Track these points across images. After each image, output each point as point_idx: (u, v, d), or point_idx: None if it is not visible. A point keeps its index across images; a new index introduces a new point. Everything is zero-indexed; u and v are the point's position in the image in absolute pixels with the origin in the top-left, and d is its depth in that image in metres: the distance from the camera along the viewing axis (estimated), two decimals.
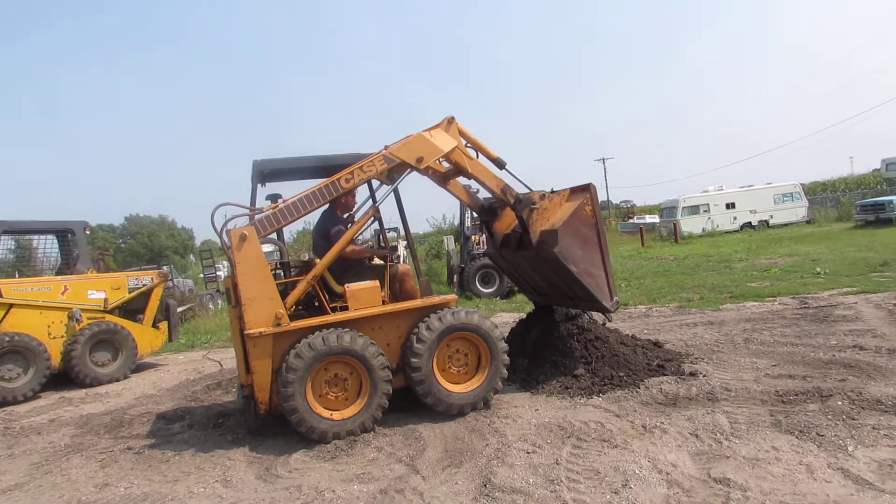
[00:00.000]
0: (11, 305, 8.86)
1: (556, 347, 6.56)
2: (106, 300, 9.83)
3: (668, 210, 35.43)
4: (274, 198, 5.85)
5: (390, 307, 5.76)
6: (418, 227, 45.95)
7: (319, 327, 5.37)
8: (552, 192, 6.48)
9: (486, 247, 15.72)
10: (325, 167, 6.10)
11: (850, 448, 4.08)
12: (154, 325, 10.49)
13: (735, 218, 33.01)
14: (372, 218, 6.03)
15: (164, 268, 12.51)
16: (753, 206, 33.10)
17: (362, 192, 6.27)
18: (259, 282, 5.29)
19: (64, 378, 9.25)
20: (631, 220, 47.66)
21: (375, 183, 6.31)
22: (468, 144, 6.28)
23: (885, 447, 4.06)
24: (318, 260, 5.75)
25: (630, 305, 11.56)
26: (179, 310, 14.20)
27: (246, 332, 5.21)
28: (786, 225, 32.23)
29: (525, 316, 7.64)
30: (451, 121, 6.19)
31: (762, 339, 7.35)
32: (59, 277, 9.67)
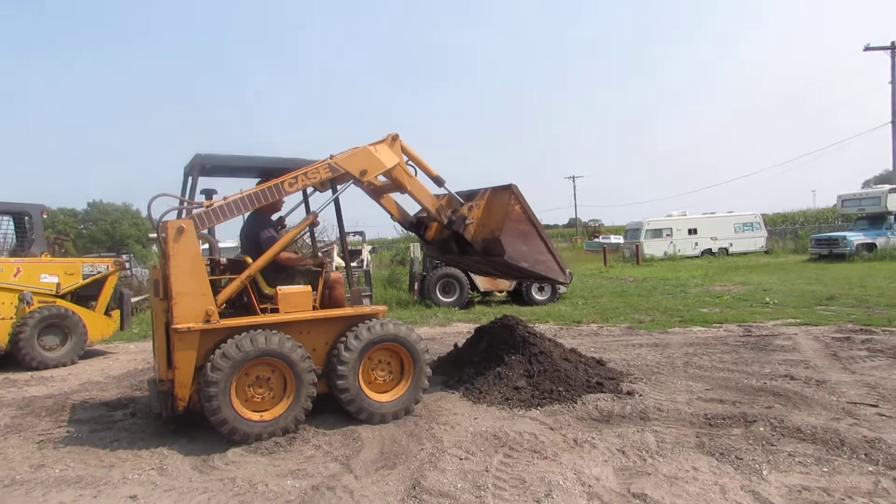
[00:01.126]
0: None
1: (502, 359, 6.73)
2: (58, 285, 9.71)
3: (632, 232, 36.08)
4: (209, 193, 5.78)
5: (321, 313, 5.80)
6: (385, 232, 45.98)
7: (248, 327, 5.33)
8: (470, 197, 6.80)
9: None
10: (265, 168, 6.11)
11: (764, 472, 4.30)
12: (106, 313, 10.39)
13: (696, 244, 33.79)
14: (310, 224, 6.14)
15: (122, 256, 12.36)
16: (714, 233, 33.93)
17: (294, 197, 6.21)
18: (193, 276, 5.21)
19: (10, 360, 9.12)
20: (596, 240, 48.38)
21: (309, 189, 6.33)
22: (409, 162, 6.50)
23: (797, 473, 4.28)
24: (248, 259, 5.72)
25: (582, 323, 11.82)
26: (136, 299, 14.05)
27: (173, 327, 5.10)
28: (745, 253, 33.09)
29: (477, 328, 7.80)
30: (395, 138, 6.40)
31: (701, 363, 7.62)
32: (12, 259, 9.53)
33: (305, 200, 6.67)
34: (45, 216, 10.36)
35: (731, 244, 33.86)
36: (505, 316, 7.62)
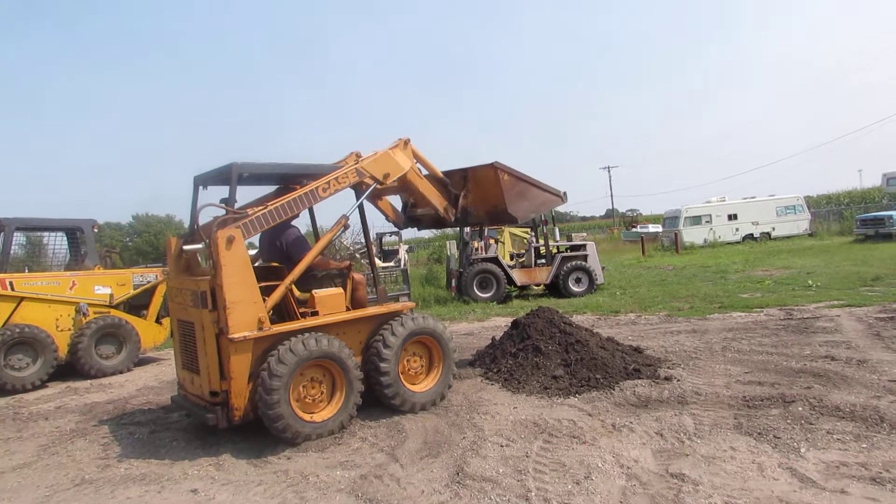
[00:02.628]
0: (22, 298, 9.22)
1: (539, 350, 6.86)
2: (111, 296, 10.18)
3: (670, 220, 35.62)
4: (227, 202, 5.79)
5: (359, 313, 6.02)
6: (422, 231, 46.22)
7: (296, 332, 5.45)
8: (460, 178, 7.33)
9: (483, 252, 16.04)
10: (298, 175, 6.27)
11: (802, 450, 4.35)
12: (157, 321, 10.81)
13: (737, 229, 33.17)
14: (342, 227, 6.31)
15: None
16: (755, 217, 33.26)
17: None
18: (244, 285, 5.25)
19: (70, 369, 9.60)
20: (634, 230, 47.86)
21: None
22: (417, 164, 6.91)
23: (835, 450, 4.33)
24: (274, 264, 5.99)
25: (621, 313, 11.83)
26: None
27: (230, 336, 5.12)
28: (788, 237, 32.37)
29: (513, 320, 7.94)
30: (406, 142, 6.76)
31: (740, 347, 7.62)
32: (67, 273, 10.03)
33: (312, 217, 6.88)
34: (96, 230, 10.85)
35: (773, 228, 33.14)
36: (541, 307, 7.74)
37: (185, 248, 5.82)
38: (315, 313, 5.80)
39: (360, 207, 6.35)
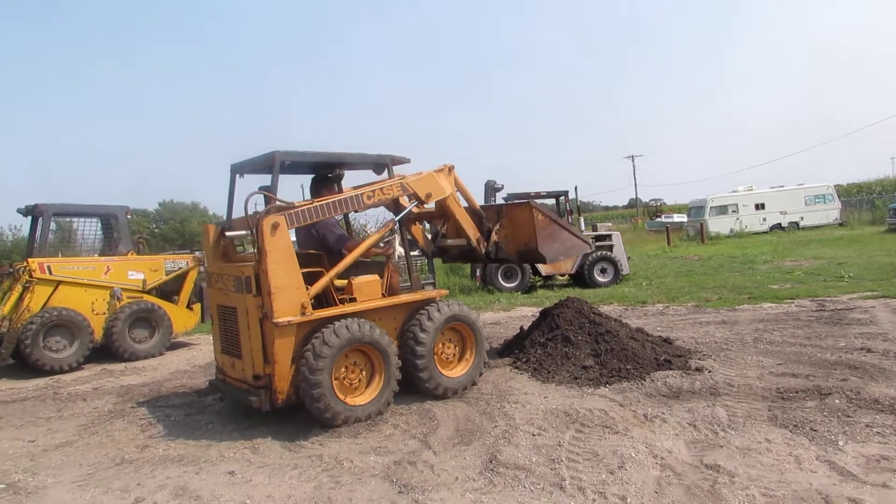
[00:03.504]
0: (60, 282, 9.46)
1: (569, 340, 6.85)
2: (144, 281, 10.38)
3: (695, 210, 35.18)
4: (269, 189, 5.95)
5: (395, 300, 6.12)
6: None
7: (337, 318, 5.57)
8: (494, 213, 7.44)
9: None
10: (337, 163, 6.43)
11: (840, 443, 4.30)
12: (188, 307, 11.01)
13: (764, 219, 32.66)
14: (390, 230, 6.46)
15: (199, 252, 13.04)
16: (783, 207, 32.70)
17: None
18: (288, 271, 5.37)
19: (105, 352, 9.83)
20: (658, 219, 47.39)
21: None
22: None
23: (875, 444, 4.27)
24: (312, 251, 6.14)
25: (648, 303, 11.75)
26: None
27: (275, 321, 5.24)
28: (817, 227, 31.79)
29: (542, 310, 7.93)
30: (451, 169, 6.87)
31: (772, 338, 7.53)
32: (102, 258, 10.25)
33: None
34: (129, 217, 11.06)
35: (802, 218, 32.56)
36: (569, 297, 7.72)
37: (228, 234, 6.03)
38: (353, 299, 5.90)
39: (400, 222, 6.46)
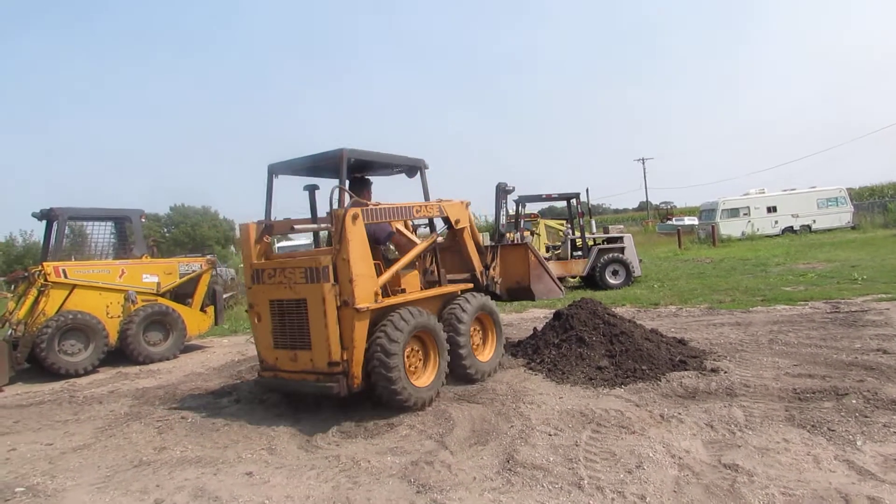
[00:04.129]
0: (75, 286, 9.54)
1: (583, 341, 6.85)
2: (159, 284, 10.47)
3: (706, 212, 35.06)
4: (312, 188, 6.74)
5: (434, 291, 6.67)
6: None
7: (399, 305, 5.96)
8: (491, 251, 8.11)
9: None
10: (392, 164, 7.08)
11: (858, 443, 4.28)
12: (202, 310, 11.09)
13: (776, 222, 32.51)
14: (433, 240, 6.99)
15: (212, 255, 13.13)
16: (796, 210, 32.54)
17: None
18: (364, 260, 5.67)
19: (120, 355, 9.90)
20: (669, 222, 47.22)
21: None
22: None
23: (893, 443, 4.24)
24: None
25: (661, 305, 11.72)
26: (226, 296, 14.86)
27: (356, 306, 5.48)
28: (829, 230, 31.58)
29: (555, 311, 7.93)
30: (468, 204, 7.56)
31: (787, 340, 7.49)
32: (117, 262, 10.34)
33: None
34: (143, 220, 11.16)
35: (814, 221, 32.38)
36: (583, 299, 7.72)
37: (296, 227, 6.77)
38: (402, 290, 6.34)
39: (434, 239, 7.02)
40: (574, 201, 16.05)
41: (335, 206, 5.84)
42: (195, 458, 5.04)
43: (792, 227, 32.30)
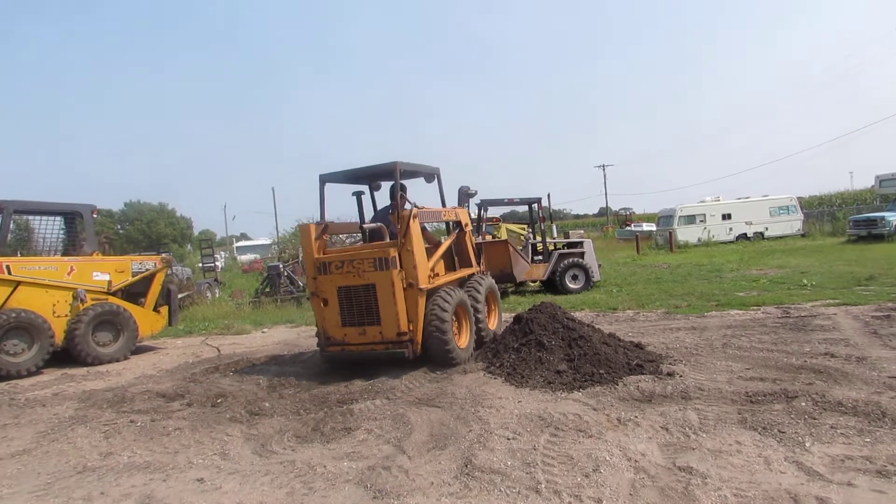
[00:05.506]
0: (19, 283, 9.15)
1: (542, 345, 6.87)
2: (110, 282, 10.13)
3: (664, 219, 35.77)
4: (359, 194, 8.54)
5: (457, 274, 8.52)
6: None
7: (442, 286, 7.57)
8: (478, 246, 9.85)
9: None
10: (429, 174, 8.59)
11: (807, 444, 4.38)
12: (155, 310, 10.79)
13: (731, 229, 33.38)
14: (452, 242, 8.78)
15: (167, 254, 12.78)
16: (749, 217, 33.47)
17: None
18: (421, 250, 7.23)
19: (66, 356, 9.54)
20: (628, 228, 48.03)
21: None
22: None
23: (839, 444, 4.36)
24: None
25: (619, 310, 11.87)
26: (180, 296, 14.51)
27: (420, 287, 7.05)
28: (781, 237, 32.59)
29: (515, 315, 7.96)
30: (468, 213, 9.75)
31: (740, 344, 7.66)
32: (65, 258, 9.96)
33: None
34: (95, 216, 10.79)
35: (767, 228, 33.38)
36: (543, 303, 7.76)
37: (365, 226, 8.33)
38: (437, 274, 7.83)
39: (451, 227, 9.07)
40: (535, 206, 16.14)
41: (401, 208, 7.33)
42: (143, 464, 4.88)
43: (746, 233, 33.21)
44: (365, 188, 8.71)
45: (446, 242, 8.42)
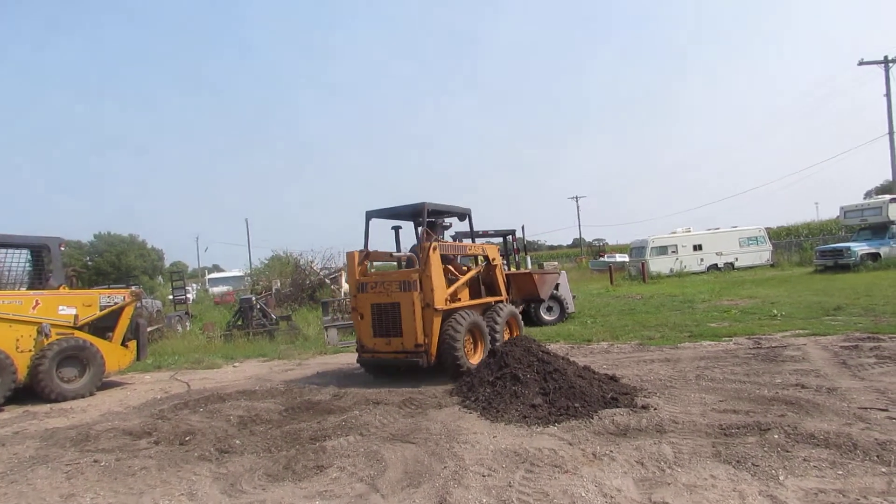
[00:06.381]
0: None
1: (518, 378, 6.84)
2: (76, 316, 9.88)
3: (637, 250, 36.22)
4: (397, 228, 10.33)
5: (479, 301, 9.93)
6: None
7: (458, 309, 8.98)
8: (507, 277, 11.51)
9: None
10: (454, 213, 10.27)
11: (780, 477, 4.40)
12: (123, 344, 10.53)
13: (702, 259, 33.92)
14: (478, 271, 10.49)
15: (137, 287, 12.52)
16: (719, 248, 34.06)
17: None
18: (439, 277, 8.76)
19: (28, 392, 9.24)
20: (601, 259, 48.49)
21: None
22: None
23: (813, 477, 4.38)
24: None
25: (593, 341, 11.92)
26: (150, 329, 14.19)
27: (435, 307, 8.52)
28: (750, 268, 33.17)
29: (490, 348, 7.95)
30: (498, 248, 11.00)
31: (713, 375, 7.71)
32: (31, 292, 9.71)
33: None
34: (63, 248, 10.56)
35: (737, 259, 33.99)
36: (517, 335, 7.76)
37: (394, 255, 10.01)
38: (458, 299, 9.44)
39: (480, 261, 10.69)
40: (510, 237, 16.24)
41: (422, 240, 9.02)
42: None
43: (717, 264, 33.77)
44: (402, 223, 10.47)
45: (469, 273, 9.90)
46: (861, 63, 32.94)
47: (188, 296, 24.09)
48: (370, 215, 9.72)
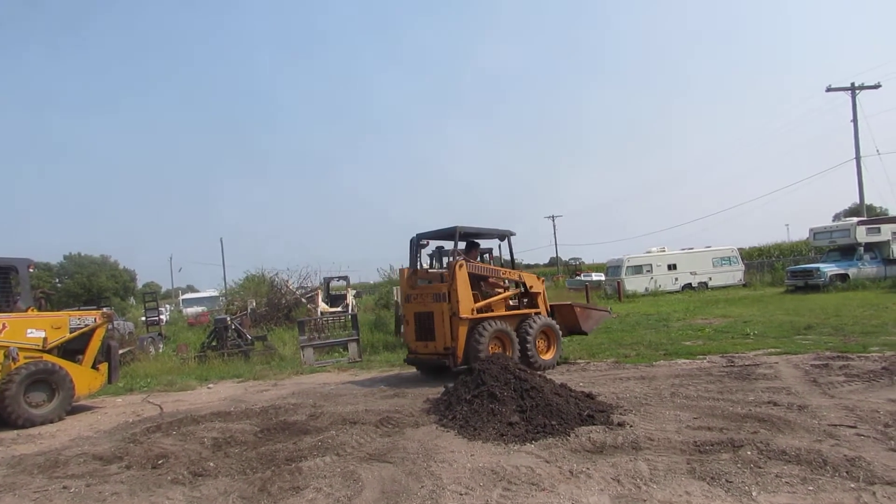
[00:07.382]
0: None
1: (495, 396, 6.86)
2: (45, 339, 9.66)
3: (613, 269, 36.59)
4: (440, 248, 12.37)
5: (511, 312, 11.03)
6: (368, 276, 46.07)
7: (487, 319, 10.31)
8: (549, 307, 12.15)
9: None
10: (485, 235, 11.62)
11: (753, 493, 4.45)
12: (94, 366, 10.32)
13: (676, 279, 34.36)
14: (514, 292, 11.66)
15: (108, 308, 12.32)
16: (694, 267, 34.56)
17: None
18: (466, 290, 10.15)
19: None
20: (578, 278, 48.84)
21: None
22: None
23: (784, 493, 4.45)
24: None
25: (570, 360, 11.98)
26: (122, 352, 13.93)
27: (460, 316, 9.94)
28: (724, 287, 33.67)
29: (467, 367, 7.96)
30: (543, 280, 11.97)
31: (688, 393, 7.80)
32: None
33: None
34: (31, 270, 10.37)
35: (710, 278, 34.49)
36: (495, 354, 7.79)
37: (430, 271, 11.64)
38: (492, 310, 10.72)
39: (518, 284, 11.62)
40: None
41: (452, 259, 10.47)
42: None
43: (691, 283, 34.23)
44: (445, 243, 12.04)
45: (503, 294, 11.22)
46: (829, 90, 33.86)
47: (161, 317, 23.71)
48: (419, 237, 11.31)
